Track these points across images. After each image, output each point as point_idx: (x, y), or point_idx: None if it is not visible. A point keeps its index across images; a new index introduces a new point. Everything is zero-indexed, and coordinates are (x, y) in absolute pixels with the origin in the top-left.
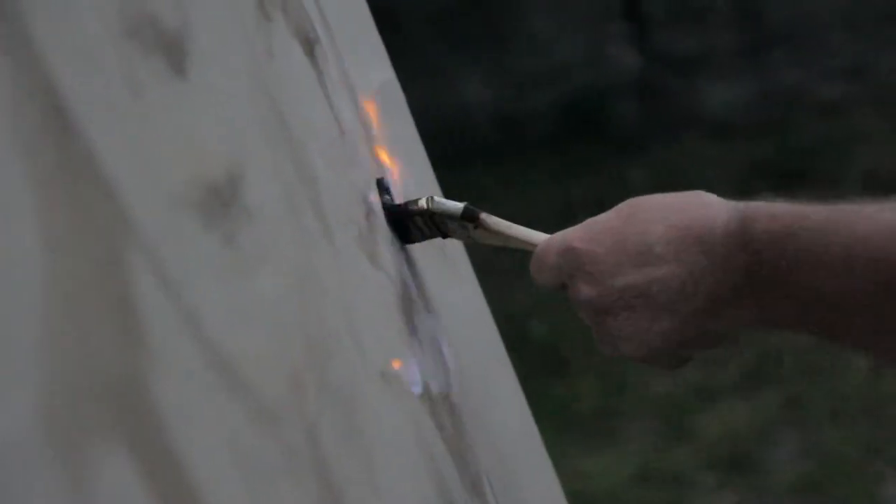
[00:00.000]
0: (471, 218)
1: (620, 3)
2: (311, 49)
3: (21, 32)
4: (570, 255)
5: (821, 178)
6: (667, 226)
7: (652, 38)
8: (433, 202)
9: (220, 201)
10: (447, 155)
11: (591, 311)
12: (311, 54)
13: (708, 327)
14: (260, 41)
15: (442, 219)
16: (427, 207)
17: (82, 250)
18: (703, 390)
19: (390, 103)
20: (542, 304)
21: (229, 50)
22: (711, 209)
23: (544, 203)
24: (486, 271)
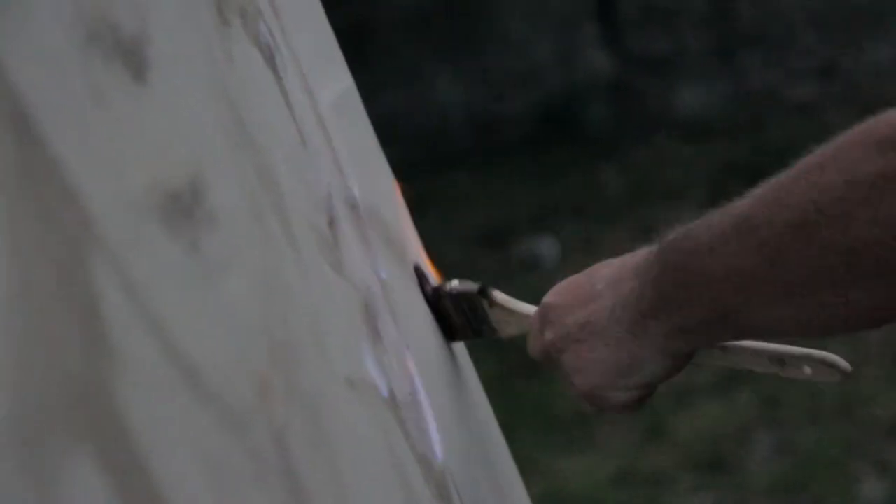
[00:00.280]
0: (484, 293)
1: (593, 4)
2: (270, 55)
3: None
4: (542, 312)
5: None
6: (611, 268)
7: (625, 40)
8: (454, 284)
9: (182, 207)
10: (423, 158)
11: (553, 354)
12: (270, 60)
13: (639, 351)
14: (220, 47)
15: (469, 304)
16: (453, 289)
17: (46, 257)
18: (680, 391)
19: (350, 112)
20: None
21: (189, 55)
22: (652, 247)
23: (520, 205)
24: (464, 274)
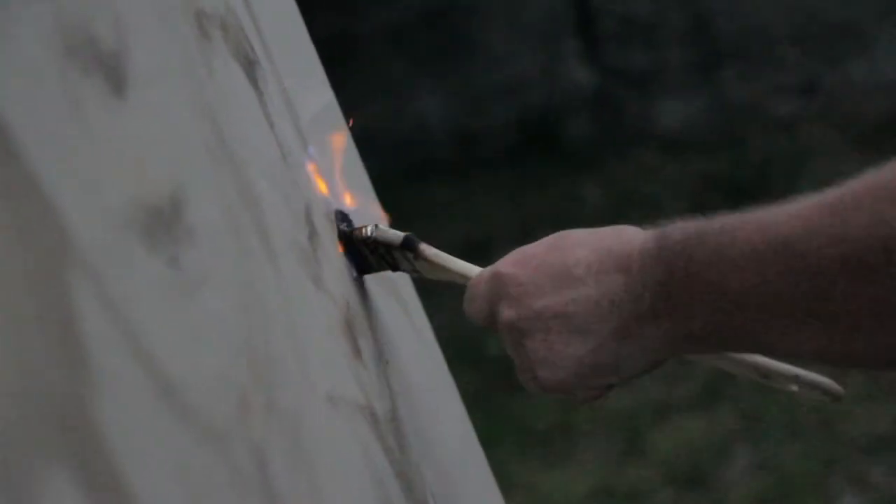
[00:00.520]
0: (411, 247)
1: (574, 19)
2: (251, 69)
3: None
4: (496, 280)
5: (774, 193)
6: (588, 250)
7: (605, 54)
8: (377, 230)
9: (162, 222)
10: (404, 170)
11: (511, 334)
12: (251, 75)
13: (622, 351)
14: (200, 60)
15: (387, 249)
16: (370, 235)
17: (24, 272)
18: (660, 406)
19: (331, 127)
20: None
21: (169, 69)
22: (632, 235)
23: (500, 218)
24: (442, 287)
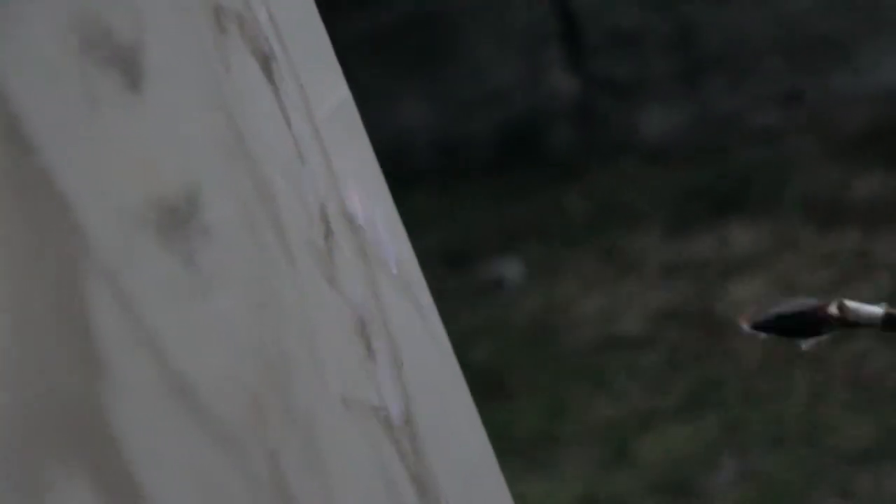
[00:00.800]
0: (892, 326)
1: (557, 28)
2: (267, 64)
3: None
4: None
5: (758, 204)
6: None
7: (589, 64)
8: (847, 310)
9: (177, 220)
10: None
11: None
12: (267, 70)
13: None
14: (216, 55)
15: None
16: (839, 315)
17: (38, 269)
18: (645, 415)
19: (347, 124)
20: (482, 329)
21: (186, 63)
22: None
23: (484, 227)
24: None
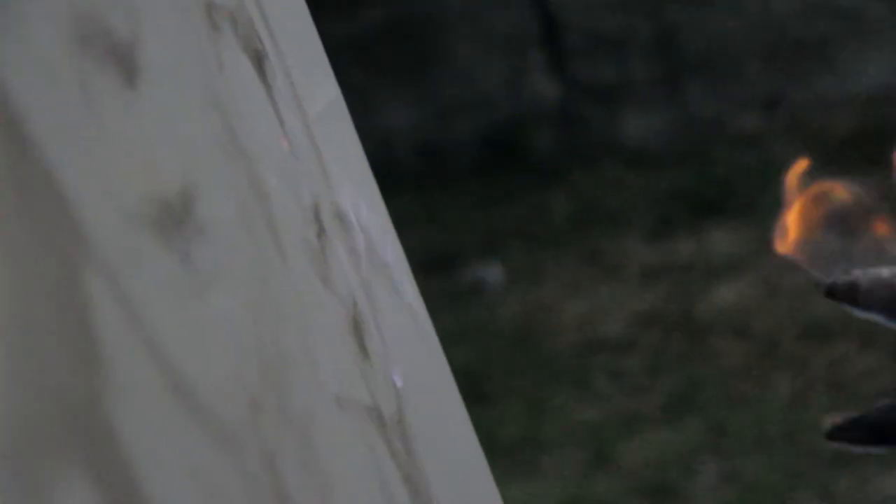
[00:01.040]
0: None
1: (539, 32)
2: (259, 63)
3: None
4: None
5: (739, 207)
6: None
7: (571, 68)
8: None
9: (174, 218)
10: None
11: None
12: (259, 68)
13: None
14: (211, 53)
15: None
16: None
17: (38, 268)
18: (626, 418)
19: (338, 122)
20: (464, 332)
21: (181, 61)
22: None
23: (466, 231)
24: None
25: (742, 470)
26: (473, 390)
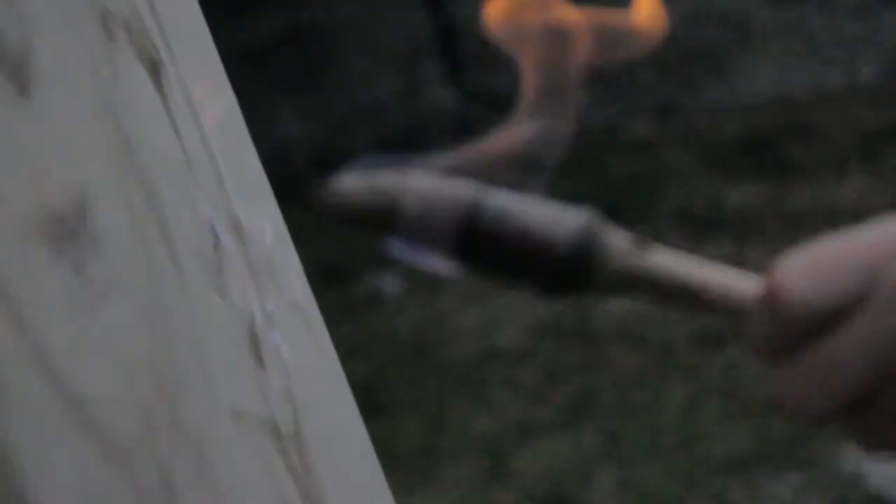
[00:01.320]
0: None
1: (435, 41)
2: (155, 72)
3: None
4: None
5: (634, 214)
6: None
7: (467, 76)
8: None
9: (67, 229)
10: None
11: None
12: (155, 77)
13: None
14: (105, 62)
15: None
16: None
17: None
18: (523, 427)
19: (234, 132)
20: (362, 342)
21: (74, 70)
22: None
23: (362, 241)
24: None
25: (637, 478)
26: (369, 403)
